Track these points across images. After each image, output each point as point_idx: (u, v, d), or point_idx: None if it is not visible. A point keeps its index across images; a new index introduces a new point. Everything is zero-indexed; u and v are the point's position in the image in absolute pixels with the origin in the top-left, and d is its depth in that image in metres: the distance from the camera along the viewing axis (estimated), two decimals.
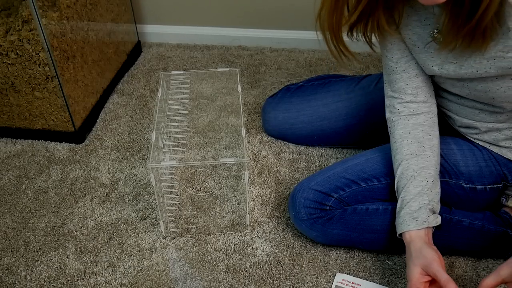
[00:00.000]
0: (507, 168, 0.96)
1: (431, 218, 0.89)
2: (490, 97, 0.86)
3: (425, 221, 0.88)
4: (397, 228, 0.91)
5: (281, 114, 1.28)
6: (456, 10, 0.76)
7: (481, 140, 0.98)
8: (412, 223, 0.88)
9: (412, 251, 0.86)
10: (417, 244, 0.86)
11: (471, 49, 0.81)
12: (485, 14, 0.72)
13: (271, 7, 1.64)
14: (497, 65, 0.80)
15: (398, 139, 0.96)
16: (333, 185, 1.00)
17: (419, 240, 0.87)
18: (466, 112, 0.95)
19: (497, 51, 0.78)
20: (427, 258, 0.83)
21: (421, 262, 0.84)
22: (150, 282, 1.00)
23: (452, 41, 0.80)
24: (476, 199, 0.99)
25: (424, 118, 0.95)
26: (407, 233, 0.89)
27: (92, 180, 1.24)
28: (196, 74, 1.56)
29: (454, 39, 0.80)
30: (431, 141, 0.94)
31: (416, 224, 0.88)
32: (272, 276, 1.01)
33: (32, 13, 1.13)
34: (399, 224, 0.91)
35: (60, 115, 1.31)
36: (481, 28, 0.75)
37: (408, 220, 0.89)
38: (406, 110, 0.96)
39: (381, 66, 1.60)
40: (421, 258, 0.84)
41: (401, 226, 0.90)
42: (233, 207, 1.16)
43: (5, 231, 1.12)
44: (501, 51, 0.78)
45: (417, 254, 0.85)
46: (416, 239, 0.87)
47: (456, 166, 0.97)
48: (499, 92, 0.84)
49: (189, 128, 1.38)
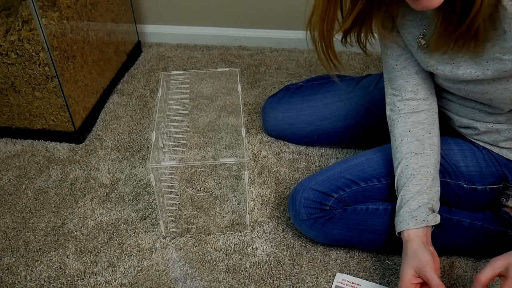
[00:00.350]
0: (507, 168, 0.96)
1: (430, 217, 0.89)
2: (487, 99, 0.86)
3: (424, 220, 0.88)
4: (396, 227, 0.92)
5: (281, 114, 1.28)
6: (448, 14, 0.76)
7: (481, 141, 0.98)
8: (411, 221, 0.88)
9: (408, 251, 0.86)
10: (414, 244, 0.87)
11: (463, 52, 0.81)
12: (475, 19, 0.72)
13: (271, 7, 1.64)
14: (494, 67, 0.80)
15: (398, 138, 0.96)
16: (333, 185, 1.00)
17: (417, 240, 0.87)
18: (465, 112, 0.95)
19: (494, 52, 0.78)
20: (421, 261, 0.83)
21: (414, 264, 0.84)
22: (150, 282, 1.01)
23: (444, 44, 0.81)
24: (476, 200, 0.99)
25: (424, 116, 0.95)
26: (406, 232, 0.89)
27: (92, 180, 1.24)
28: (196, 74, 1.56)
29: (446, 43, 0.80)
30: (431, 140, 0.94)
31: (415, 223, 0.88)
32: (272, 276, 1.01)
33: (32, 13, 1.13)
34: (398, 222, 0.91)
35: (60, 115, 1.31)
36: (471, 32, 0.75)
37: (407, 218, 0.89)
38: (406, 108, 0.96)
39: (381, 66, 1.60)
40: (415, 260, 0.84)
41: (400, 225, 0.90)
42: (233, 207, 1.16)
43: (5, 231, 1.12)
44: (498, 53, 0.78)
45: (412, 255, 0.85)
46: (414, 239, 0.87)
47: (457, 166, 0.97)
48: (496, 94, 0.84)
49: (189, 128, 1.38)
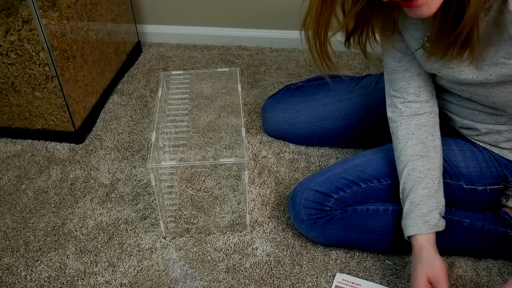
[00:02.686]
0: (507, 169, 0.96)
1: (441, 222, 0.90)
2: (491, 101, 0.86)
3: (436, 225, 0.89)
4: (406, 230, 0.91)
5: (280, 114, 1.28)
6: (442, 22, 0.76)
7: (482, 141, 0.98)
8: (424, 226, 0.89)
9: (423, 258, 0.87)
10: (429, 251, 0.88)
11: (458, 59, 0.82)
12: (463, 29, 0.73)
13: (271, 7, 1.64)
14: (498, 72, 0.79)
15: (402, 140, 0.96)
16: (333, 186, 1.00)
17: (431, 247, 0.88)
18: (466, 113, 0.95)
19: (498, 57, 0.78)
20: (437, 270, 0.85)
21: (429, 272, 0.85)
22: (150, 282, 1.01)
23: (439, 51, 0.81)
24: (477, 200, 0.99)
25: (427, 118, 0.95)
26: (419, 237, 0.89)
27: (92, 180, 1.24)
28: (196, 74, 1.56)
29: (441, 50, 0.80)
30: (434, 142, 0.94)
31: (428, 228, 0.89)
32: (272, 276, 1.01)
33: (32, 13, 1.13)
34: (409, 226, 0.91)
35: (60, 115, 1.31)
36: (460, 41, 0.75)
37: (419, 223, 0.89)
38: (409, 110, 0.96)
39: (381, 66, 1.60)
40: (430, 268, 0.85)
41: (412, 229, 0.90)
42: (233, 207, 1.16)
43: (5, 231, 1.12)
44: (503, 58, 0.77)
45: (426, 263, 0.86)
46: (427, 245, 0.88)
47: (457, 167, 0.97)
48: (500, 97, 0.84)
49: (189, 128, 1.38)
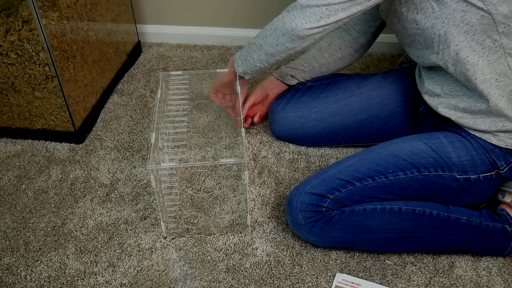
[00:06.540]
0: (494, 154, 0.99)
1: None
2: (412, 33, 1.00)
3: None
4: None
5: (291, 113, 1.28)
6: None
7: (452, 115, 1.01)
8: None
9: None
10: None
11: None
12: None
13: (271, 7, 1.64)
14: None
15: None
16: (328, 187, 1.00)
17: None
18: (423, 60, 1.03)
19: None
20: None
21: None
22: (150, 282, 1.01)
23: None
24: (472, 190, 1.00)
25: (348, 39, 1.22)
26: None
27: (92, 180, 1.24)
28: (196, 74, 1.56)
29: None
30: (331, 56, 1.25)
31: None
32: (272, 276, 1.01)
33: (32, 13, 1.13)
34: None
35: (60, 115, 1.31)
36: None
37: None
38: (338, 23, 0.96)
39: (381, 66, 1.60)
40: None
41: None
42: (233, 207, 1.16)
43: (5, 231, 1.12)
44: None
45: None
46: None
47: (449, 157, 0.99)
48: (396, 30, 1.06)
49: (189, 128, 1.38)
